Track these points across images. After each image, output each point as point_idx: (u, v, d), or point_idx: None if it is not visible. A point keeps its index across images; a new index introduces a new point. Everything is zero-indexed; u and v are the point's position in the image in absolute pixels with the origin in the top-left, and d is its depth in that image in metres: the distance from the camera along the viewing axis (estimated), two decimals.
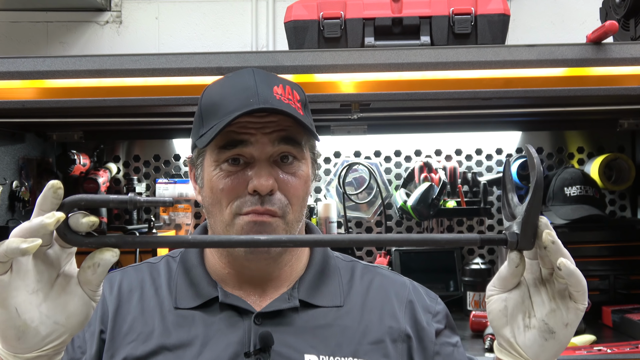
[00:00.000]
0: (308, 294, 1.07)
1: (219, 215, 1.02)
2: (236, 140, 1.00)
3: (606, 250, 2.25)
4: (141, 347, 1.00)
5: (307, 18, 1.79)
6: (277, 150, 1.01)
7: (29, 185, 2.24)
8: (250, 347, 0.99)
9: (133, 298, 1.06)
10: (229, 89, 1.03)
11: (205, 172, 1.05)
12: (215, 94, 1.04)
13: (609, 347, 1.84)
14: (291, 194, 1.02)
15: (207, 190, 1.04)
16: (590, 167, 2.42)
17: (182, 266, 1.10)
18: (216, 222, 1.03)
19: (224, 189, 1.00)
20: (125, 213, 2.46)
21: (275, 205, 1.00)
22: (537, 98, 1.71)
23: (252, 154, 1.00)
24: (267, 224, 1.00)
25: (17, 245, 0.72)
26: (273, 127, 1.01)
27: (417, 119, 2.35)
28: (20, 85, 1.67)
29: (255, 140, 1.00)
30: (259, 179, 0.98)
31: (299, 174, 1.04)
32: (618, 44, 1.69)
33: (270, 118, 1.00)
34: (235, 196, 1.00)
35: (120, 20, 2.60)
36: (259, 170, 0.99)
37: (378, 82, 1.67)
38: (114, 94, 1.66)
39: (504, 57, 1.66)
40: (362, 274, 1.14)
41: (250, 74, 1.03)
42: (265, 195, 0.99)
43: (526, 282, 0.87)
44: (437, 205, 2.27)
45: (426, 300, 1.14)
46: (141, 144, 2.52)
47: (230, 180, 1.01)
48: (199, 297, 1.05)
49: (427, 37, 1.79)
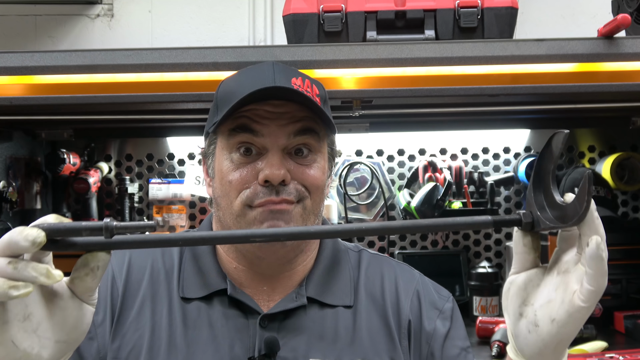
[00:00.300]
0: (317, 291, 1.05)
1: (228, 207, 1.01)
2: (248, 127, 0.99)
3: (618, 253, 2.19)
4: (148, 340, 0.98)
5: (306, 11, 1.76)
6: (293, 143, 0.99)
7: (16, 185, 2.20)
8: (255, 352, 0.98)
9: (143, 280, 1.04)
10: (245, 78, 1.02)
11: (217, 161, 1.03)
12: (232, 82, 1.04)
13: (621, 355, 1.79)
14: (309, 182, 1.00)
15: (218, 181, 1.02)
16: (602, 166, 2.39)
17: (191, 252, 1.07)
18: (225, 215, 1.02)
19: (232, 181, 0.99)
20: (117, 215, 2.42)
21: (291, 195, 0.98)
22: (546, 94, 1.69)
23: (264, 145, 0.99)
24: (285, 213, 0.98)
25: (5, 291, 0.68)
26: (288, 118, 0.99)
27: (421, 117, 2.33)
28: (8, 81, 1.64)
29: (268, 131, 0.99)
30: (270, 168, 0.97)
31: (315, 165, 1.01)
32: (631, 39, 1.65)
33: (286, 108, 0.98)
34: (245, 187, 0.98)
35: (112, 14, 2.57)
36: (271, 159, 0.98)
37: (380, 78, 1.64)
38: (105, 90, 1.64)
39: (511, 52, 1.63)
40: (370, 264, 1.13)
41: (270, 65, 1.02)
42: (278, 185, 0.97)
43: (542, 268, 0.81)
44: (442, 207, 2.26)
45: (435, 295, 1.12)
46: (134, 142, 2.49)
47: (239, 172, 0.99)
48: (206, 287, 1.03)
49: (432, 31, 1.76)
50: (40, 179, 2.35)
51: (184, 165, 2.47)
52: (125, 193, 2.36)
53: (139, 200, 2.44)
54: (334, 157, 1.09)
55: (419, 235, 2.48)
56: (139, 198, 2.44)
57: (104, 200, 2.45)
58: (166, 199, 2.42)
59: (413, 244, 2.48)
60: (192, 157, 2.46)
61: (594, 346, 1.87)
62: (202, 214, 2.46)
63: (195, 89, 1.62)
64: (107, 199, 2.46)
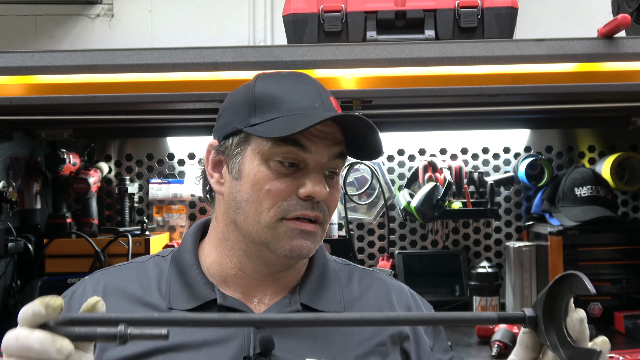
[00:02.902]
0: (309, 298, 1.06)
1: (255, 215, 1.00)
2: (299, 141, 0.99)
3: (618, 254, 2.20)
4: (132, 348, 0.97)
5: (306, 11, 1.76)
6: (331, 165, 1.03)
7: (16, 185, 2.20)
8: (250, 351, 0.98)
9: (119, 299, 1.03)
10: (289, 86, 1.03)
11: (247, 164, 1.01)
12: (274, 87, 1.03)
13: (621, 355, 1.79)
14: (332, 206, 1.04)
15: (247, 185, 1.00)
16: (602, 166, 2.38)
17: (175, 266, 1.07)
18: (248, 220, 1.01)
19: (270, 190, 0.99)
20: (117, 215, 2.41)
21: (322, 213, 1.01)
22: (546, 94, 1.69)
23: (306, 161, 1.00)
24: (312, 234, 1.01)
25: None
26: (332, 139, 1.01)
27: (421, 117, 2.33)
28: (8, 81, 1.64)
29: (316, 149, 1.00)
30: (318, 186, 0.99)
31: (338, 187, 1.06)
32: (631, 39, 1.65)
33: (330, 129, 1.00)
34: (283, 199, 0.99)
35: (112, 14, 2.56)
36: (316, 177, 1.00)
37: (380, 78, 1.64)
38: (105, 90, 1.63)
39: (511, 52, 1.63)
40: (361, 278, 1.15)
41: (306, 76, 1.06)
42: (316, 202, 1.01)
43: None
44: (442, 207, 2.26)
45: (423, 310, 1.15)
46: (134, 142, 2.48)
47: (279, 182, 0.99)
48: (195, 299, 1.02)
49: (432, 31, 1.76)
50: (40, 179, 2.34)
51: (184, 165, 2.46)
52: (125, 193, 2.36)
53: (139, 200, 2.44)
54: None
55: (419, 235, 2.47)
56: (139, 198, 2.44)
57: (104, 200, 2.45)
58: (166, 199, 2.42)
59: (413, 244, 2.48)
60: (192, 157, 2.46)
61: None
62: (202, 213, 2.45)
63: (195, 89, 1.61)
64: (107, 199, 2.45)
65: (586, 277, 0.79)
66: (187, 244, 1.10)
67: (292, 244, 0.99)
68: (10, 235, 2.09)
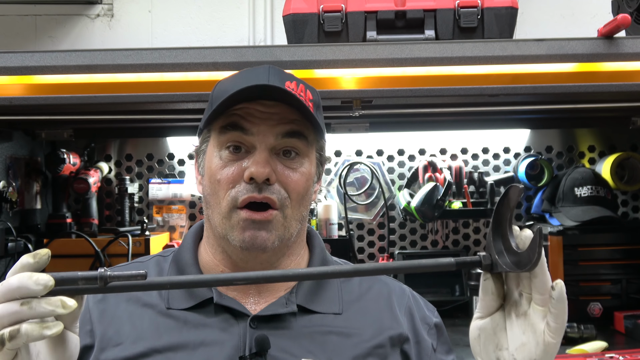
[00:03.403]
0: (306, 300, 1.05)
1: (216, 207, 1.02)
2: (239, 124, 1.00)
3: (618, 253, 2.19)
4: (130, 348, 0.98)
5: (306, 11, 1.76)
6: (281, 144, 1.01)
7: (16, 185, 2.20)
8: (245, 350, 0.98)
9: (120, 299, 1.04)
10: (240, 78, 1.03)
11: (207, 159, 1.04)
12: (227, 82, 1.05)
13: (621, 355, 1.78)
14: (290, 188, 1.01)
15: (207, 179, 1.04)
16: (602, 166, 2.38)
17: (175, 265, 1.08)
18: (214, 213, 1.03)
19: (221, 179, 1.00)
20: (117, 215, 2.41)
21: (274, 195, 0.99)
22: (546, 94, 1.69)
23: (252, 143, 1.00)
24: (266, 223, 0.99)
25: (40, 332, 0.73)
26: (278, 119, 1.00)
27: (421, 117, 2.32)
28: (8, 81, 1.64)
29: (257, 130, 1.00)
30: (256, 166, 0.98)
31: (301, 170, 1.02)
32: (631, 39, 1.65)
33: (277, 109, 1.00)
34: (232, 185, 0.99)
35: (112, 14, 2.57)
36: (256, 157, 0.99)
37: (380, 78, 1.64)
38: (105, 90, 1.64)
39: (511, 52, 1.63)
40: (362, 280, 1.13)
41: (266, 67, 1.04)
42: (262, 183, 0.98)
43: (504, 311, 0.86)
44: (442, 207, 2.26)
45: (425, 311, 1.14)
46: (134, 142, 2.49)
47: (228, 169, 1.01)
48: (193, 298, 1.02)
49: (432, 31, 1.76)
50: (40, 179, 2.34)
51: (184, 165, 2.46)
52: (125, 193, 2.36)
53: (139, 200, 2.44)
54: (322, 163, 1.10)
55: (419, 235, 2.47)
56: (139, 198, 2.44)
57: (104, 200, 2.45)
58: (166, 199, 2.42)
59: (413, 244, 2.48)
60: (192, 157, 2.45)
61: (594, 346, 1.86)
62: (202, 213, 2.44)
63: (195, 89, 1.62)
64: (107, 199, 2.45)
65: (520, 187, 0.83)
66: (186, 243, 1.11)
67: (244, 235, 0.99)
68: (10, 235, 2.09)
